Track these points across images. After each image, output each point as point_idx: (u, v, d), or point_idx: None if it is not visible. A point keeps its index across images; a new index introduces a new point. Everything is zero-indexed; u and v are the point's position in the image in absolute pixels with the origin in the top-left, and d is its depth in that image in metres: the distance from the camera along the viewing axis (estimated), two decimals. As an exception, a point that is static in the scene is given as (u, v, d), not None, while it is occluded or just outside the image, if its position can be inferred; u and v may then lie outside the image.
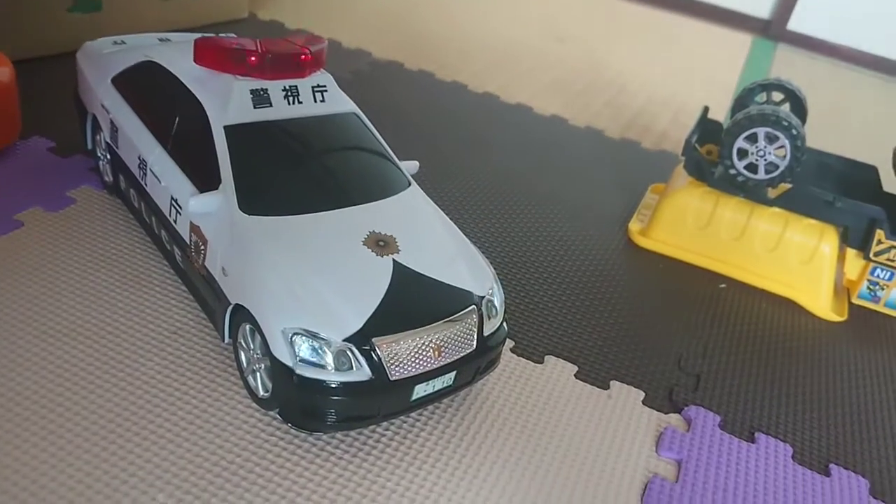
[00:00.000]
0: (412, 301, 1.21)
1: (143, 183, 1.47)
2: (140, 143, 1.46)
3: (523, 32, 3.58)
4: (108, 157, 1.64)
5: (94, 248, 1.54)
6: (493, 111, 2.69)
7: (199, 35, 1.71)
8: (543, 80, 3.07)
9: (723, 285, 1.88)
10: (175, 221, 1.37)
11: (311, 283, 1.18)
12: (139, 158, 1.46)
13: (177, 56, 1.48)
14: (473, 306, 1.25)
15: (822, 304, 1.84)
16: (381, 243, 1.28)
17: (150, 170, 1.43)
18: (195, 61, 1.41)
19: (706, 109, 2.07)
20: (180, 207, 1.35)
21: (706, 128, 2.02)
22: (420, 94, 2.68)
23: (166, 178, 1.39)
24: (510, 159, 2.33)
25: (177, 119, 1.41)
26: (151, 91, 1.50)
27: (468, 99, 2.74)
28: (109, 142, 1.59)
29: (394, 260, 1.25)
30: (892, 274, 1.78)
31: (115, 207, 1.66)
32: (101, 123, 1.62)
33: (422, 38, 3.23)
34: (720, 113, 2.92)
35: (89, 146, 1.75)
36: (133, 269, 1.50)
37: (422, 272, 1.25)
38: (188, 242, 1.34)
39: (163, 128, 1.44)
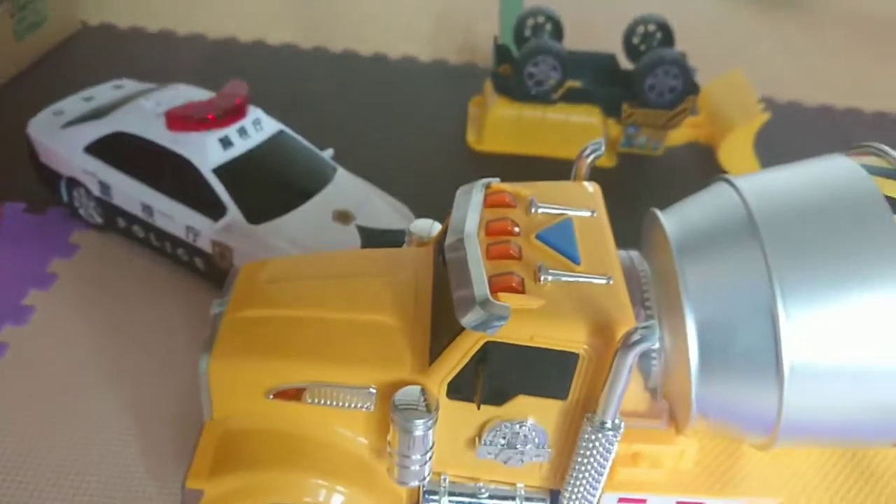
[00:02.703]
0: (379, 248, 1.95)
1: (150, 220, 2.04)
2: (139, 194, 2.02)
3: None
4: (92, 205, 2.15)
5: (125, 277, 2.09)
6: (322, 63, 3.29)
7: (109, 84, 2.24)
8: (359, 17, 3.66)
9: (539, 162, 2.75)
10: (194, 241, 1.98)
11: (317, 256, 1.88)
12: (142, 204, 2.02)
13: (143, 124, 2.02)
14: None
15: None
16: (343, 216, 1.99)
17: (159, 210, 2.00)
18: (169, 128, 1.97)
19: (496, 39, 2.84)
20: (198, 231, 1.96)
21: (500, 54, 2.79)
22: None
23: (177, 214, 1.97)
24: (346, 108, 2.95)
25: (166, 171, 1.98)
26: (132, 154, 2.03)
27: (300, 58, 3.31)
28: (101, 195, 2.10)
29: (357, 225, 1.97)
30: (637, 128, 2.73)
31: (114, 241, 2.19)
32: (84, 183, 2.12)
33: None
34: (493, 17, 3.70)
35: (65, 199, 2.23)
36: (165, 280, 2.09)
37: (376, 227, 1.98)
38: (212, 252, 1.96)
39: (157, 179, 2.00)
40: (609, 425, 1.19)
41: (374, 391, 1.27)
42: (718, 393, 1.24)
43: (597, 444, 1.20)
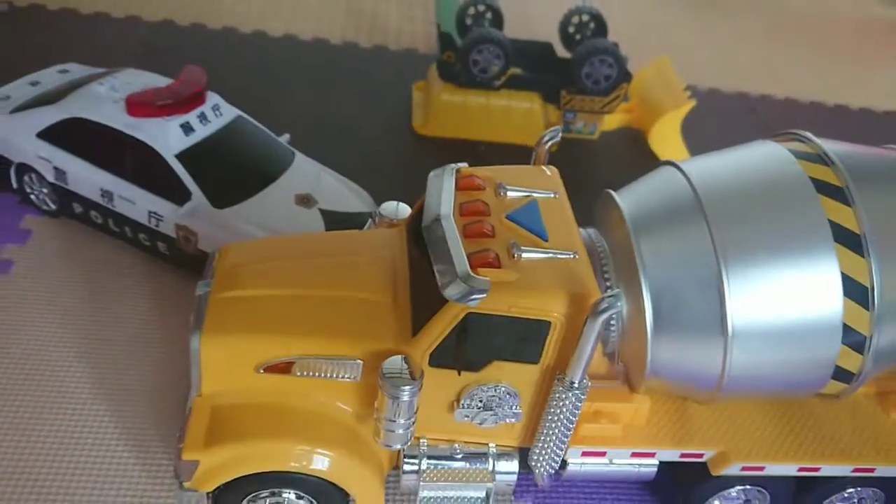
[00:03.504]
0: (344, 230, 2.02)
1: (110, 206, 2.05)
2: (99, 180, 2.03)
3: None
4: (45, 191, 2.14)
5: (84, 260, 2.10)
6: (262, 47, 3.30)
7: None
8: (297, 1, 3.67)
9: (483, 147, 2.87)
10: (157, 226, 2.01)
11: (282, 239, 1.94)
12: (101, 190, 2.03)
13: (101, 110, 2.02)
14: (371, 220, 2.10)
15: (541, 141, 2.91)
16: (305, 200, 2.05)
17: (119, 196, 2.02)
18: (130, 114, 1.98)
19: (439, 26, 2.93)
20: (161, 216, 1.99)
21: (443, 42, 2.88)
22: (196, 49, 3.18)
23: (139, 200, 2.00)
24: (289, 92, 2.95)
25: (126, 156, 2.00)
26: (90, 140, 2.03)
27: (239, 42, 3.32)
28: (55, 181, 2.10)
29: (319, 209, 2.04)
30: (575, 114, 2.89)
31: (69, 226, 2.18)
32: (37, 169, 2.10)
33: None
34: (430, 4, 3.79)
35: (15, 186, 2.20)
36: (126, 264, 2.10)
37: (339, 210, 2.05)
38: (176, 237, 2.00)
39: (117, 164, 2.01)
40: (577, 385, 1.32)
41: (360, 362, 1.37)
42: (669, 354, 1.39)
43: (566, 402, 1.34)
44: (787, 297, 1.33)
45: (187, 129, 2.01)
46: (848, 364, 1.37)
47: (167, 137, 1.97)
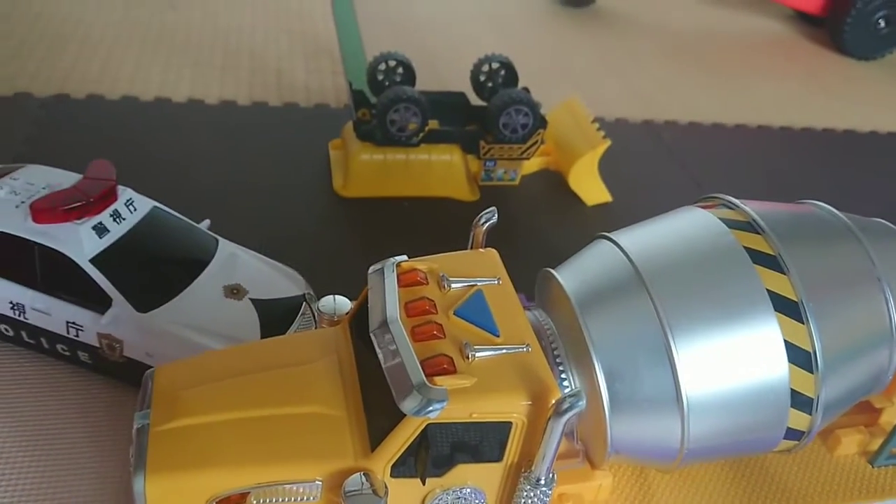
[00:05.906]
0: (278, 322, 1.94)
1: (21, 319, 1.91)
2: (7, 293, 1.89)
3: (134, 8, 3.89)
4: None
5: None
6: (165, 115, 3.18)
7: None
8: (181, 61, 3.55)
9: (406, 204, 2.85)
10: (77, 336, 1.88)
11: (214, 339, 1.84)
12: (11, 303, 1.89)
13: (2, 218, 1.88)
14: (305, 303, 2.03)
15: (462, 192, 2.90)
16: (234, 291, 1.97)
17: (32, 308, 1.88)
18: (36, 221, 1.85)
19: (350, 84, 2.89)
20: (81, 326, 1.86)
21: (357, 100, 2.85)
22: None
23: (55, 311, 1.87)
24: (199, 162, 2.85)
25: (37, 266, 1.87)
26: (-7, 251, 1.89)
27: (141, 111, 3.19)
28: (-43, 298, 1.94)
29: (250, 299, 1.96)
30: (495, 162, 2.90)
31: (-23, 341, 2.03)
32: (-66, 285, 1.94)
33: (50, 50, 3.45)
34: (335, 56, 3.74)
35: (-90, 303, 2.03)
36: (44, 377, 1.96)
37: (271, 297, 1.98)
38: (98, 346, 1.88)
39: (26, 275, 1.87)
40: (543, 481, 1.31)
41: (320, 483, 1.31)
42: (628, 431, 1.40)
43: (534, 498, 1.32)
44: (737, 368, 1.36)
45: (101, 230, 1.89)
46: (798, 424, 1.41)
47: (80, 242, 1.85)
